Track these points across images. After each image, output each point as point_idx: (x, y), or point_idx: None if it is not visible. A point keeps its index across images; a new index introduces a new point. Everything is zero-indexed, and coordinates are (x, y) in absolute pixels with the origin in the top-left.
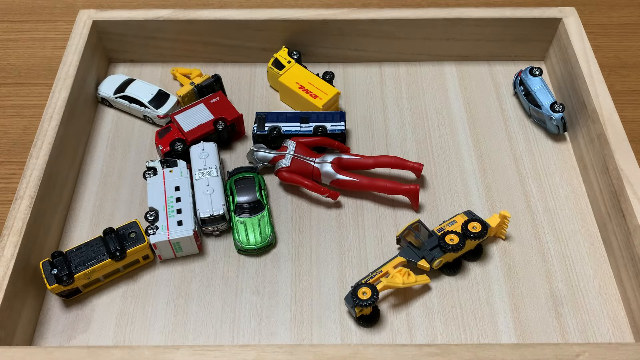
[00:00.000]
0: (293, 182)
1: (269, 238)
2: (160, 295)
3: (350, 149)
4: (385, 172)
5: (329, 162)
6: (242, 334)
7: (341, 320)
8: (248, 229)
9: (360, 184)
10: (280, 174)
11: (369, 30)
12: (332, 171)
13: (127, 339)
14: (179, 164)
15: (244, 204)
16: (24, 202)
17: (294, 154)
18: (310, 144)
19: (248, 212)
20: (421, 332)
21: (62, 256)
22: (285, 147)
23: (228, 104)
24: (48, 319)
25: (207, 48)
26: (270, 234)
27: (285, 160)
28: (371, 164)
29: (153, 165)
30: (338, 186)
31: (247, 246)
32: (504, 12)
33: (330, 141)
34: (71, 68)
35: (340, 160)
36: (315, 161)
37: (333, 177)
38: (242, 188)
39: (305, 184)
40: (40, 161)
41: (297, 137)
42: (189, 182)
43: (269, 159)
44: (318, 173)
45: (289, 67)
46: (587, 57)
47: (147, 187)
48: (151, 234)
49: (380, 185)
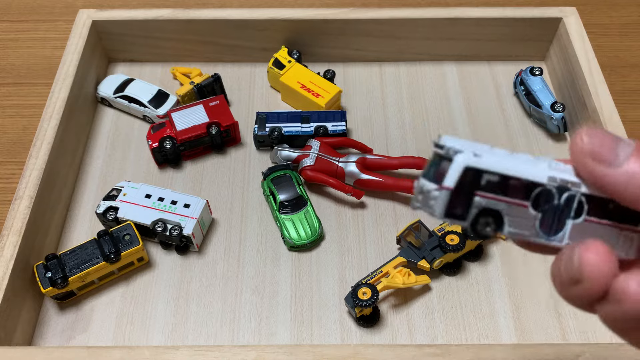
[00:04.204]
0: (318, 180)
1: (318, 231)
2: (160, 296)
3: (374, 150)
4: (408, 172)
5: (353, 161)
6: (242, 334)
7: (341, 320)
8: (297, 225)
9: (385, 184)
10: (305, 173)
11: (369, 29)
12: (356, 170)
13: (126, 339)
14: (124, 184)
15: (287, 202)
16: (24, 202)
17: (318, 153)
18: (334, 144)
19: (292, 209)
20: (421, 333)
21: (56, 259)
22: (309, 146)
23: (226, 109)
24: (47, 319)
25: (206, 48)
26: (318, 226)
27: (310, 159)
28: (396, 165)
29: (106, 206)
30: (362, 186)
31: (299, 242)
32: (505, 11)
33: (353, 142)
34: (71, 68)
35: (364, 160)
36: (340, 160)
37: (357, 177)
38: (282, 186)
39: (330, 182)
40: (40, 161)
41: (321, 137)
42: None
43: (292, 157)
44: (342, 172)
45: (289, 67)
46: (588, 56)
47: (127, 217)
48: (178, 232)
49: (405, 185)
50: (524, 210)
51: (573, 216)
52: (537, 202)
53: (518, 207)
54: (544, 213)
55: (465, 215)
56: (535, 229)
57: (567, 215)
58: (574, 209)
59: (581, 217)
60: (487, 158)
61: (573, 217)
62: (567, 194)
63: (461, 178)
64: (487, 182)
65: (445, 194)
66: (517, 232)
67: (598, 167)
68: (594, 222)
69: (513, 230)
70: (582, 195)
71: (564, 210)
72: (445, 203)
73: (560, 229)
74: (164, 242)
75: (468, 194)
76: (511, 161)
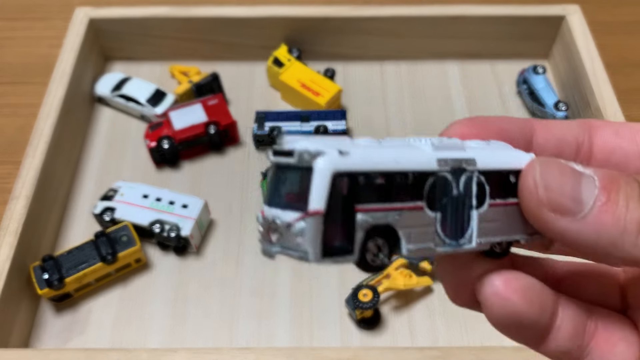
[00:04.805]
0: None
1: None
2: (157, 298)
3: None
4: None
5: None
6: (241, 337)
7: (341, 322)
8: None
9: None
10: None
11: (370, 27)
12: None
13: (124, 341)
14: (121, 184)
15: None
16: (20, 202)
17: None
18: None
19: None
20: (423, 335)
21: (53, 260)
22: None
23: (224, 108)
24: (44, 321)
25: (205, 46)
26: None
27: None
28: None
29: (103, 206)
30: None
31: None
32: (507, 9)
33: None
34: (67, 66)
35: None
36: None
37: None
38: None
39: None
40: (37, 161)
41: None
42: (146, 186)
43: None
44: None
45: (289, 65)
46: (591, 55)
47: (124, 218)
48: (176, 233)
49: None
50: (420, 213)
51: (476, 205)
52: (433, 198)
53: (412, 211)
54: (443, 211)
55: (351, 247)
56: (439, 235)
57: (470, 205)
58: (474, 194)
59: (485, 204)
60: (357, 154)
61: (477, 206)
62: (464, 177)
63: (332, 191)
64: (366, 188)
65: (314, 222)
66: (419, 248)
67: (559, 221)
68: (500, 205)
69: (413, 246)
70: (479, 174)
71: (464, 200)
72: (318, 237)
73: (467, 225)
74: (162, 242)
75: (346, 212)
76: (387, 151)
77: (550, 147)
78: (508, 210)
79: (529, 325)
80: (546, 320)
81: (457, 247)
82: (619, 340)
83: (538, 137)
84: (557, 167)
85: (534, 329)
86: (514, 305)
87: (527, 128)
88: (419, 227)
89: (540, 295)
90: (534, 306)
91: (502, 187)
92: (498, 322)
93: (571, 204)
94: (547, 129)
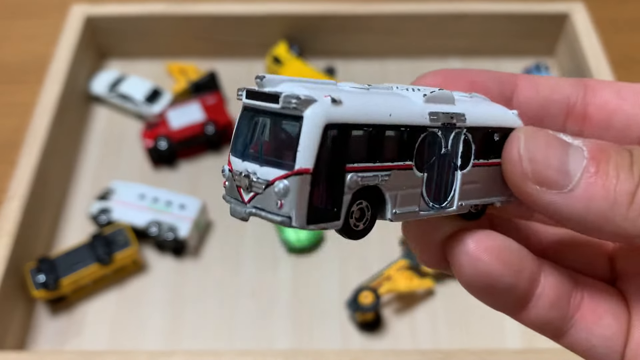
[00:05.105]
0: None
1: (318, 233)
2: (155, 300)
3: None
4: None
5: None
6: (240, 339)
7: (342, 325)
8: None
9: None
10: None
11: (371, 25)
12: None
13: (121, 343)
14: (117, 184)
15: None
16: (15, 203)
17: None
18: None
19: None
20: (425, 338)
21: (49, 261)
22: None
23: (223, 107)
24: (40, 323)
25: (203, 43)
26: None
27: None
28: None
29: (99, 207)
30: None
31: (298, 244)
32: (511, 7)
33: None
34: (63, 65)
35: None
36: None
37: None
38: None
39: None
40: (32, 160)
41: None
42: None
43: None
44: None
45: (288, 63)
46: (596, 53)
47: (120, 218)
48: (173, 236)
49: None
50: (409, 174)
51: (460, 165)
52: (421, 156)
53: (401, 171)
54: (429, 172)
55: (338, 211)
56: (424, 198)
57: (454, 165)
58: (460, 154)
59: (469, 164)
60: (351, 103)
61: (461, 167)
62: (452, 134)
63: (321, 146)
64: (357, 143)
65: (301, 182)
66: (404, 212)
67: (545, 194)
68: (482, 165)
69: (399, 210)
70: (467, 131)
71: (451, 159)
72: (305, 199)
73: (450, 188)
74: (159, 243)
75: (335, 172)
76: (378, 100)
77: (533, 106)
78: (489, 170)
79: (504, 290)
80: (524, 284)
81: (439, 210)
82: (606, 312)
83: (520, 94)
84: (544, 138)
85: (511, 294)
86: (486, 266)
87: (507, 83)
88: (406, 189)
89: (517, 257)
90: (509, 268)
91: (486, 146)
92: (469, 284)
93: (558, 176)
94: (531, 85)
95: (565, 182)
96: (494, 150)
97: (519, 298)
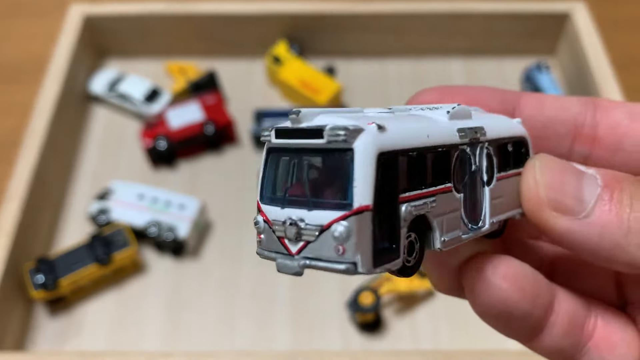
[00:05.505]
0: None
1: None
2: (154, 301)
3: None
4: None
5: None
6: (239, 340)
7: (342, 326)
8: None
9: None
10: None
11: (372, 24)
12: None
13: (119, 344)
14: (116, 184)
15: None
16: (14, 204)
17: None
18: None
19: None
20: (425, 338)
21: (47, 261)
22: None
23: (222, 107)
24: (38, 323)
25: (203, 43)
26: None
27: None
28: None
29: (98, 207)
30: None
31: None
32: (512, 6)
33: None
34: (62, 64)
35: None
36: None
37: None
38: None
39: None
40: (31, 161)
41: None
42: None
43: None
44: None
45: (288, 62)
46: (597, 52)
47: (119, 219)
48: (173, 237)
49: None
50: (450, 196)
51: (487, 180)
52: (457, 176)
53: (444, 194)
54: (465, 192)
55: (397, 248)
56: (463, 220)
57: (482, 182)
58: (485, 169)
59: (494, 179)
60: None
61: (487, 182)
62: (478, 149)
63: (376, 178)
64: (404, 170)
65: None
66: (451, 238)
67: (561, 220)
68: (503, 178)
69: (447, 237)
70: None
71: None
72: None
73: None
74: (159, 243)
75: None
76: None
77: (536, 125)
78: (509, 183)
79: (520, 317)
80: (540, 312)
81: (477, 231)
82: (620, 340)
83: (522, 112)
84: (559, 165)
85: (526, 322)
86: (503, 293)
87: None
88: (449, 213)
89: (534, 284)
90: (526, 295)
91: (504, 157)
92: (485, 311)
93: (573, 202)
94: (536, 103)
95: (579, 209)
96: (510, 162)
97: (533, 326)
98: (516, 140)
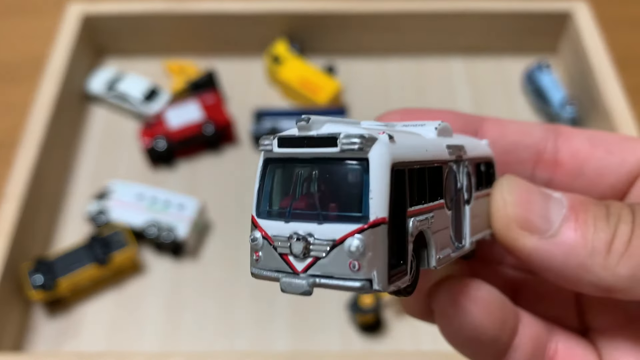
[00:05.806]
0: None
1: None
2: (153, 301)
3: None
4: None
5: None
6: (239, 341)
7: (342, 327)
8: None
9: None
10: None
11: (372, 23)
12: None
13: (119, 345)
14: (115, 184)
15: None
16: (12, 204)
17: None
18: None
19: None
20: (426, 339)
21: (46, 262)
22: None
23: (221, 107)
24: (37, 324)
25: (202, 42)
26: None
27: None
28: None
29: (96, 207)
30: None
31: None
32: (513, 5)
33: None
34: (60, 64)
35: None
36: None
37: None
38: None
39: None
40: (29, 161)
41: None
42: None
43: None
44: None
45: (288, 62)
46: (599, 51)
47: (118, 219)
48: (172, 238)
49: None
50: (443, 213)
51: (467, 199)
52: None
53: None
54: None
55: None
56: (451, 238)
57: (464, 200)
58: (465, 187)
59: (472, 197)
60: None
61: (467, 201)
62: (461, 167)
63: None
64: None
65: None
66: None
67: (528, 240)
68: (479, 197)
69: (441, 255)
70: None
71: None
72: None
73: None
74: (158, 244)
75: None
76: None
77: (497, 150)
78: (481, 203)
79: (487, 342)
80: (506, 337)
81: (461, 250)
82: None
83: (484, 135)
84: (526, 186)
85: (493, 346)
86: (474, 318)
87: (472, 123)
88: (442, 230)
89: (502, 309)
90: (495, 320)
91: (478, 177)
92: (454, 335)
93: (540, 221)
94: (498, 128)
95: (546, 227)
96: (483, 181)
97: (499, 350)
98: (486, 161)
